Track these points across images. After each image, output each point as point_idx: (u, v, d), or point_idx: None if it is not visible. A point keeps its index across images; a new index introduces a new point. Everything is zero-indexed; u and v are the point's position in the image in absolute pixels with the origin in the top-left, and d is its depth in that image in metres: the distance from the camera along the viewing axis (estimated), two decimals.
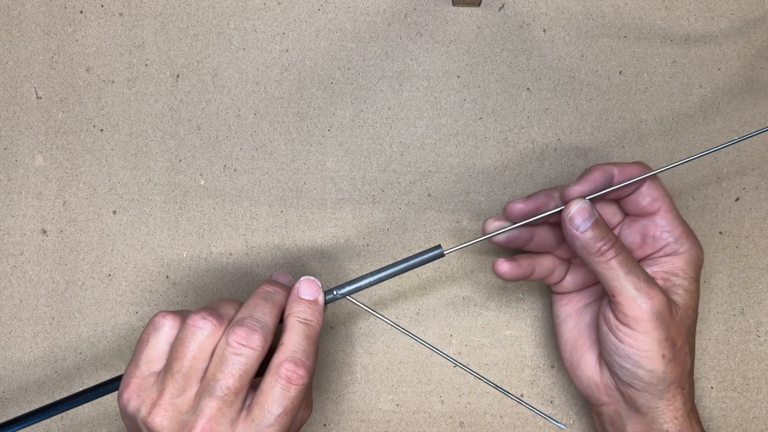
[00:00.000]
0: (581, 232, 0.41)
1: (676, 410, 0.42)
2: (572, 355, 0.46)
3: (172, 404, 0.38)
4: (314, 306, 0.41)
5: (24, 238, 0.51)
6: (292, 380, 0.38)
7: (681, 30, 0.50)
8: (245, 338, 0.38)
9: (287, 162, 0.50)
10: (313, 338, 0.41)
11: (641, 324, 0.40)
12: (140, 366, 0.40)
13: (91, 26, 0.51)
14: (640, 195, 0.43)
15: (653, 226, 0.43)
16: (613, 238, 0.41)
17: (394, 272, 0.42)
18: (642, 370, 0.41)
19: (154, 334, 0.40)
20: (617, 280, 0.40)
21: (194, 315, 0.39)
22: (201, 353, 0.39)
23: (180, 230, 0.51)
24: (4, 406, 0.51)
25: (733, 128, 0.50)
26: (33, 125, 0.51)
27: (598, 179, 0.42)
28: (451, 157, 0.50)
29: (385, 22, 0.50)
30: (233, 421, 0.38)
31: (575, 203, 0.41)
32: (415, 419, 0.50)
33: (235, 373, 0.38)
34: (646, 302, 0.40)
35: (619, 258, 0.40)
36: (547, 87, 0.50)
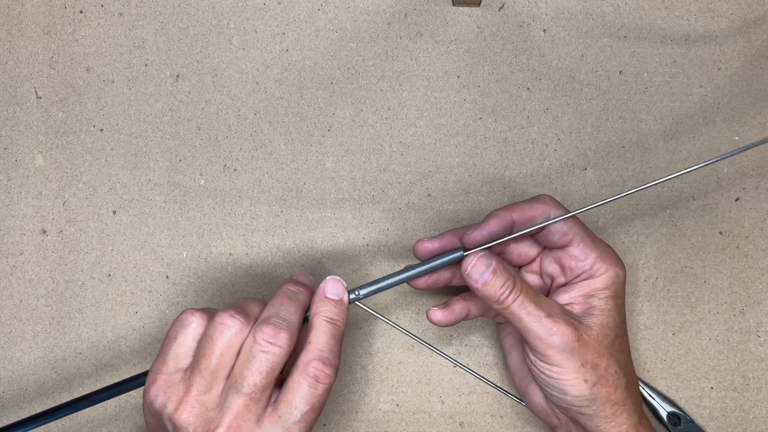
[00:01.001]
0: (480, 285, 0.41)
1: (620, 425, 0.42)
2: (520, 383, 0.47)
3: (198, 401, 0.39)
4: (340, 305, 0.42)
5: (24, 238, 0.51)
6: (320, 379, 0.39)
7: (681, 30, 0.50)
8: (273, 336, 0.39)
9: (287, 162, 0.50)
10: (339, 338, 0.41)
11: (553, 358, 0.41)
12: (167, 362, 0.40)
13: (91, 26, 0.51)
14: (549, 232, 0.43)
15: (567, 256, 0.44)
16: (512, 284, 0.41)
17: (414, 274, 0.43)
18: (569, 396, 0.42)
19: (182, 331, 0.41)
20: (520, 321, 0.41)
21: (222, 313, 0.40)
22: (228, 350, 0.39)
23: (180, 230, 0.51)
24: (4, 406, 0.51)
25: (733, 128, 0.50)
26: (33, 125, 0.51)
27: (494, 228, 0.43)
28: (451, 157, 0.50)
29: (385, 22, 0.50)
30: (259, 418, 0.39)
31: (471, 258, 0.42)
32: (415, 419, 0.50)
33: (263, 371, 0.39)
34: (551, 338, 0.41)
35: (518, 301, 0.41)
36: (547, 87, 0.50)
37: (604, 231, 0.50)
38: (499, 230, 0.43)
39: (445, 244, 0.44)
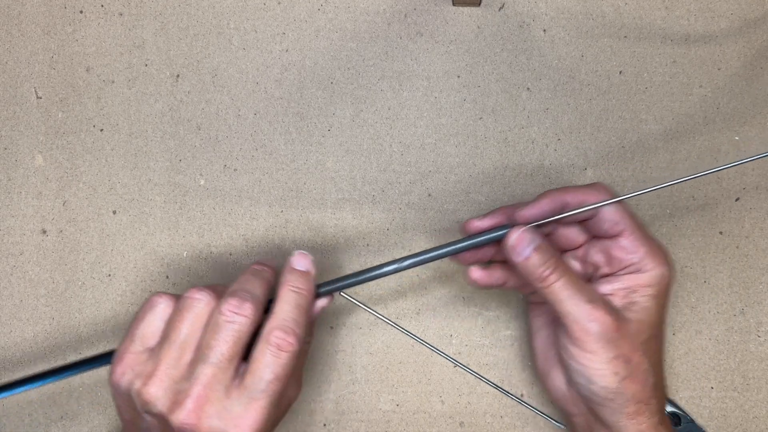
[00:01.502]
0: (522, 260, 0.41)
1: (641, 424, 0.42)
2: (543, 366, 0.46)
3: (167, 374, 0.39)
4: (306, 276, 0.42)
5: (24, 238, 0.51)
6: (282, 347, 0.39)
7: (681, 30, 0.50)
8: (237, 306, 0.40)
9: (287, 162, 0.50)
10: (304, 307, 0.41)
11: (587, 344, 0.41)
12: (134, 341, 0.41)
13: (91, 26, 0.51)
14: (600, 220, 0.43)
15: (617, 247, 0.43)
16: (556, 263, 0.41)
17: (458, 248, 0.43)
18: (595, 386, 0.41)
19: (150, 312, 0.41)
20: (560, 303, 0.41)
21: (191, 289, 0.41)
22: (197, 323, 0.40)
23: (180, 230, 0.51)
24: (4, 406, 0.51)
25: (733, 128, 0.50)
26: (33, 125, 0.51)
27: (545, 207, 0.43)
28: (451, 157, 0.50)
29: (385, 22, 0.50)
30: (227, 389, 0.39)
31: (515, 231, 0.42)
32: (415, 419, 0.50)
33: (228, 340, 0.39)
34: (589, 324, 0.40)
35: (561, 282, 0.41)
36: (547, 87, 0.50)
37: None
38: (551, 210, 0.43)
39: (495, 222, 0.44)
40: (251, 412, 0.39)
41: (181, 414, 0.38)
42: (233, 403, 0.39)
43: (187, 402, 0.38)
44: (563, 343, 0.42)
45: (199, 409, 0.38)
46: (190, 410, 0.38)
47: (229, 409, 0.39)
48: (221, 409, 0.39)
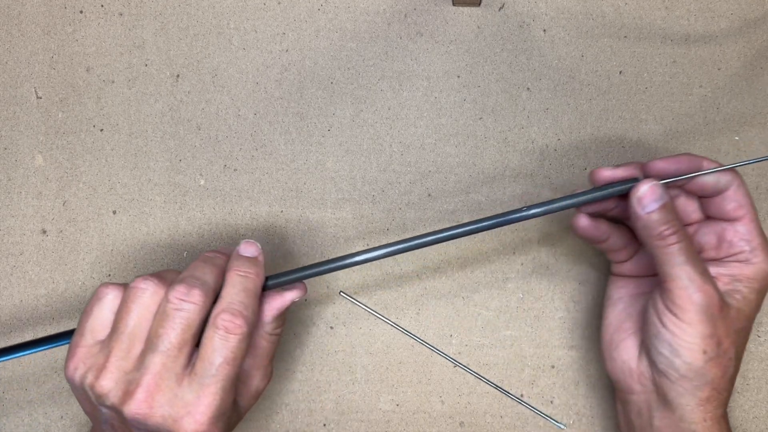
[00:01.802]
0: (645, 214, 0.40)
1: (707, 412, 0.41)
2: (614, 337, 0.45)
3: (117, 366, 0.39)
4: (253, 261, 0.42)
5: (24, 238, 0.51)
6: (230, 329, 0.39)
7: (681, 30, 0.50)
8: (185, 293, 0.39)
9: (287, 162, 0.50)
10: (252, 290, 0.41)
11: (687, 314, 0.40)
12: (85, 335, 0.41)
13: (91, 26, 0.51)
14: (726, 199, 0.43)
15: (732, 231, 0.43)
16: (678, 225, 0.40)
17: (584, 200, 0.42)
18: (679, 360, 0.40)
19: (97, 304, 0.41)
20: (672, 266, 0.40)
21: (137, 278, 0.40)
22: (145, 313, 0.40)
23: (180, 230, 0.51)
24: (4, 406, 0.51)
25: (733, 128, 0.50)
26: (33, 125, 0.51)
27: (683, 163, 0.42)
28: (451, 157, 0.50)
29: (385, 22, 0.50)
30: (178, 377, 0.39)
31: (646, 183, 0.41)
32: (415, 419, 0.50)
33: (177, 328, 0.39)
34: (697, 294, 0.40)
35: (680, 246, 0.40)
36: (547, 87, 0.50)
37: None
38: (687, 169, 0.42)
39: (626, 174, 0.42)
40: (203, 398, 0.38)
41: (132, 404, 0.38)
42: (185, 390, 0.39)
43: (137, 392, 0.38)
44: (660, 309, 0.41)
45: (150, 398, 0.38)
46: (140, 400, 0.38)
47: (181, 397, 0.38)
48: (173, 397, 0.38)
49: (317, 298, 0.50)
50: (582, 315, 0.50)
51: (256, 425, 0.50)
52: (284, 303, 0.43)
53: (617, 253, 0.45)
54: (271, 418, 0.50)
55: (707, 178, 0.42)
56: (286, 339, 0.50)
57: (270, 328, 0.43)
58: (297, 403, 0.50)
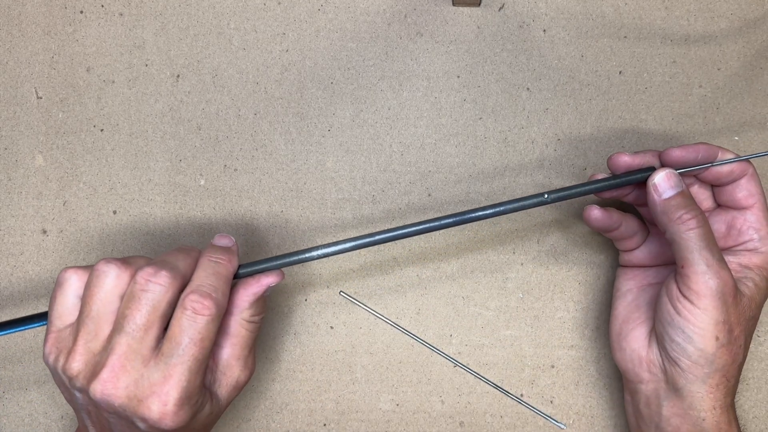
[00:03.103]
0: (663, 199, 0.41)
1: (716, 400, 0.41)
2: (623, 327, 0.45)
3: (86, 348, 0.39)
4: (226, 249, 0.42)
5: (24, 238, 0.51)
6: (198, 310, 0.39)
7: (681, 30, 0.50)
8: (152, 274, 0.39)
9: (287, 162, 0.50)
10: (223, 275, 0.41)
11: (702, 300, 0.40)
12: (54, 322, 0.41)
13: (91, 26, 0.51)
14: (738, 187, 0.43)
15: (742, 219, 0.44)
16: (697, 210, 0.41)
17: (602, 186, 0.43)
18: (692, 346, 0.41)
19: (59, 290, 0.41)
20: (690, 251, 0.40)
21: (100, 261, 0.40)
22: (109, 296, 0.40)
23: (180, 230, 0.51)
24: (4, 406, 0.51)
25: (733, 128, 0.50)
26: (33, 125, 0.51)
27: (701, 152, 0.43)
28: (451, 157, 0.50)
29: (385, 22, 0.50)
30: (145, 359, 0.39)
31: (662, 171, 0.42)
32: (415, 419, 0.50)
33: (142, 309, 0.39)
34: (713, 280, 0.40)
35: (699, 231, 0.40)
36: (547, 87, 0.50)
37: None
38: (704, 158, 0.43)
39: (643, 161, 0.43)
40: (169, 378, 0.38)
41: (98, 384, 0.38)
42: (151, 371, 0.38)
43: (102, 372, 0.38)
44: (674, 295, 0.41)
45: (116, 378, 0.38)
46: (105, 380, 0.38)
47: (147, 377, 0.38)
48: (139, 378, 0.38)
49: (317, 298, 0.50)
50: (582, 315, 0.50)
51: (256, 425, 0.50)
52: (260, 287, 0.42)
53: (627, 241, 0.46)
54: (271, 418, 0.50)
55: (722, 168, 0.43)
56: (286, 339, 0.50)
57: (248, 315, 0.42)
58: (297, 403, 0.50)
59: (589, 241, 0.50)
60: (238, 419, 0.50)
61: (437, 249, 0.50)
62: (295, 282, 0.50)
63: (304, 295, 0.50)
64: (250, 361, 0.43)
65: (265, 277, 0.43)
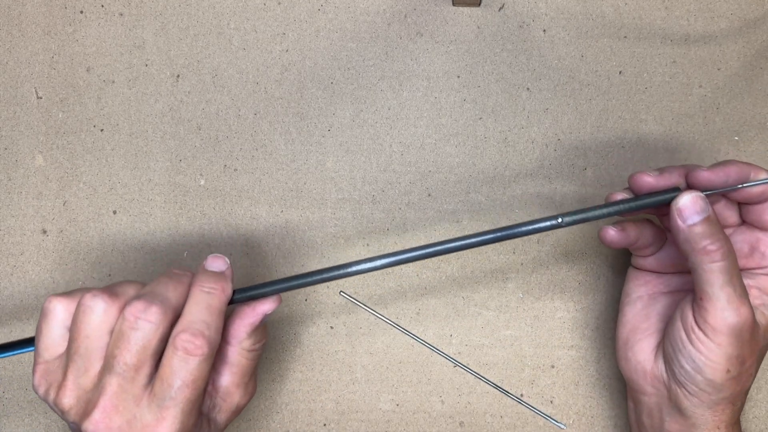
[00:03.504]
0: (687, 226, 0.38)
1: (721, 422, 0.41)
2: (630, 336, 0.44)
3: (76, 384, 0.38)
4: (219, 276, 0.40)
5: (24, 238, 0.51)
6: (190, 351, 0.37)
7: (681, 30, 0.50)
8: (142, 311, 0.37)
9: (287, 162, 0.50)
10: (217, 308, 0.39)
11: (719, 336, 0.38)
12: (41, 353, 0.40)
13: (91, 26, 0.51)
14: (766, 208, 0.41)
15: (766, 242, 0.42)
16: (723, 240, 0.38)
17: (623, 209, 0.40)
18: (701, 376, 0.39)
19: (44, 321, 0.40)
20: (712, 285, 0.38)
21: (85, 294, 0.39)
22: (96, 332, 0.38)
23: (180, 230, 0.51)
24: (5, 406, 0.51)
25: (733, 128, 0.50)
26: (33, 125, 0.51)
27: (732, 174, 0.40)
28: (451, 157, 0.50)
29: (385, 22, 0.50)
30: (137, 398, 0.38)
31: (688, 194, 0.39)
32: (415, 419, 0.50)
33: (132, 349, 0.37)
34: (732, 317, 0.38)
35: (723, 264, 0.38)
36: (547, 87, 0.50)
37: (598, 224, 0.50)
38: (735, 180, 0.40)
39: (667, 183, 0.41)
40: (162, 421, 0.37)
41: (90, 425, 0.37)
42: (143, 411, 0.37)
43: (94, 413, 0.37)
44: (689, 325, 0.39)
45: (108, 419, 0.37)
46: (98, 421, 0.37)
47: (140, 418, 0.37)
48: (131, 418, 0.37)
49: (317, 298, 0.50)
50: (582, 315, 0.50)
51: (256, 425, 0.50)
52: (256, 317, 0.41)
53: (643, 250, 0.44)
54: (271, 418, 0.50)
55: (753, 188, 0.40)
56: (286, 339, 0.50)
57: (247, 345, 0.41)
58: (297, 403, 0.50)
59: (589, 241, 0.50)
60: (238, 419, 0.50)
61: None
62: None
63: (304, 295, 0.50)
64: (251, 386, 0.42)
65: (261, 305, 0.41)
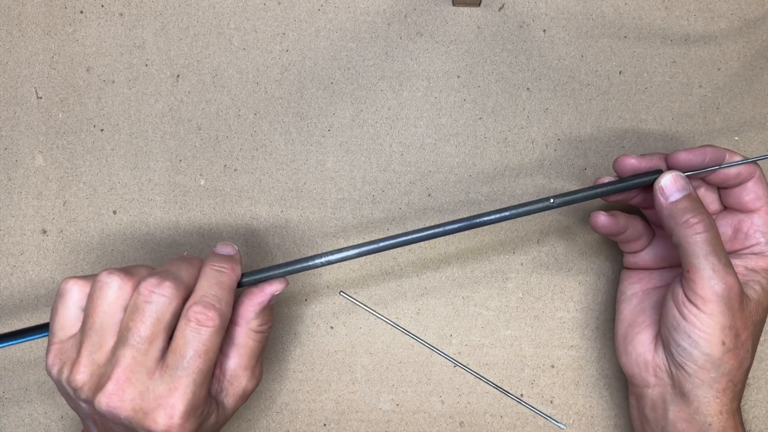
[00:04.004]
0: (669, 203, 0.41)
1: (723, 405, 0.41)
2: (628, 331, 0.45)
3: (90, 360, 0.39)
4: (228, 258, 0.42)
5: (24, 238, 0.51)
6: (202, 322, 0.39)
7: (681, 30, 0.50)
8: (156, 285, 0.39)
9: (287, 162, 0.50)
10: (227, 284, 0.40)
11: (708, 305, 0.40)
12: (56, 333, 0.41)
13: (91, 26, 0.51)
14: (745, 190, 0.43)
15: (749, 222, 0.43)
16: (704, 214, 0.40)
17: (608, 191, 0.42)
18: (698, 351, 0.40)
19: (60, 301, 0.41)
20: (696, 256, 0.40)
21: (102, 272, 0.40)
22: (111, 308, 0.39)
23: (180, 230, 0.51)
24: (5, 406, 0.51)
25: (733, 128, 0.50)
26: (33, 125, 0.51)
27: (709, 154, 0.42)
28: (451, 157, 0.50)
29: (385, 22, 0.50)
30: (150, 371, 0.38)
31: (669, 173, 0.41)
32: (415, 419, 0.50)
33: (146, 321, 0.38)
34: (719, 285, 0.39)
35: (706, 235, 0.40)
36: (547, 87, 0.50)
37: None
38: (711, 161, 0.42)
39: (649, 165, 0.43)
40: (174, 390, 0.38)
41: (104, 397, 0.38)
42: (156, 383, 0.38)
43: (108, 385, 0.38)
44: (679, 300, 0.41)
45: (121, 391, 0.38)
46: (111, 393, 0.38)
47: (152, 390, 0.38)
48: (144, 390, 0.38)
49: (317, 298, 0.50)
50: (582, 315, 0.50)
51: (256, 425, 0.50)
52: (265, 297, 0.42)
53: (632, 243, 0.46)
54: (271, 418, 0.50)
55: (729, 170, 0.43)
56: (286, 339, 0.50)
57: (254, 325, 0.42)
58: (297, 403, 0.51)
59: (589, 241, 0.50)
60: (238, 419, 0.50)
61: (437, 249, 0.50)
62: (296, 282, 0.50)
63: (304, 295, 0.50)
64: (258, 371, 0.43)
65: (269, 286, 0.42)
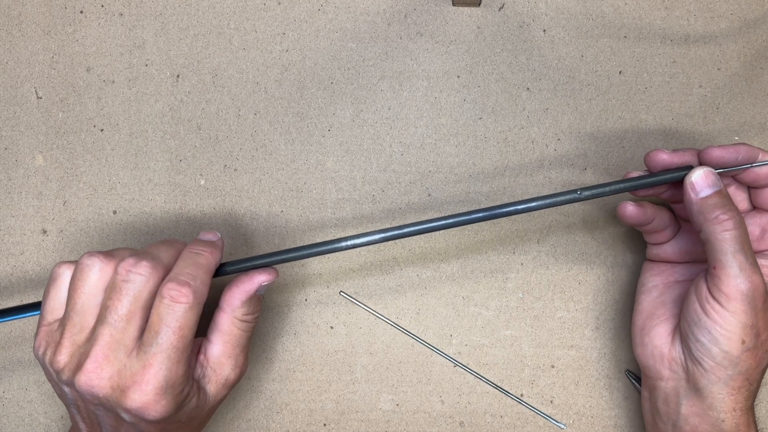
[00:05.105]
0: (699, 198, 0.41)
1: (737, 402, 0.41)
2: (646, 322, 0.45)
3: (71, 341, 0.40)
4: (209, 243, 0.42)
5: (24, 238, 0.51)
6: (175, 298, 0.39)
7: (681, 30, 0.50)
8: (133, 265, 0.39)
9: (287, 162, 0.50)
10: (204, 265, 0.41)
11: (732, 303, 0.40)
12: (45, 316, 0.41)
13: (91, 26, 0.51)
14: None
15: None
16: (734, 211, 0.40)
17: (638, 185, 0.42)
18: (717, 348, 0.40)
19: (52, 284, 0.42)
20: (724, 253, 0.40)
21: (84, 255, 0.41)
22: (93, 289, 0.40)
23: (180, 230, 0.51)
24: (4, 406, 0.51)
25: (733, 128, 0.50)
26: (33, 125, 0.51)
27: (742, 152, 0.42)
28: (451, 157, 0.50)
29: (385, 22, 0.50)
30: (127, 349, 0.39)
31: (700, 169, 0.41)
32: (415, 419, 0.50)
33: (123, 299, 0.39)
34: (745, 283, 0.39)
35: (735, 233, 0.40)
36: (547, 87, 0.50)
37: (598, 225, 0.50)
38: (743, 159, 0.42)
39: (681, 160, 0.43)
40: (148, 367, 0.38)
41: (82, 376, 0.39)
42: (132, 361, 0.39)
43: (86, 363, 0.39)
44: (703, 295, 0.41)
45: (99, 369, 0.38)
46: (89, 371, 0.38)
47: (129, 367, 0.39)
48: (121, 368, 0.39)
49: (317, 298, 0.50)
50: (582, 315, 0.50)
51: (256, 425, 0.50)
52: (252, 285, 0.42)
53: (658, 234, 0.46)
54: (271, 418, 0.50)
55: (761, 169, 0.42)
56: (286, 339, 0.50)
57: (240, 314, 0.43)
58: (297, 403, 0.51)
59: (589, 241, 0.50)
60: (238, 419, 0.50)
61: (437, 249, 0.50)
62: (295, 282, 0.50)
63: (304, 295, 0.50)
64: (242, 360, 0.43)
65: (258, 275, 0.43)
